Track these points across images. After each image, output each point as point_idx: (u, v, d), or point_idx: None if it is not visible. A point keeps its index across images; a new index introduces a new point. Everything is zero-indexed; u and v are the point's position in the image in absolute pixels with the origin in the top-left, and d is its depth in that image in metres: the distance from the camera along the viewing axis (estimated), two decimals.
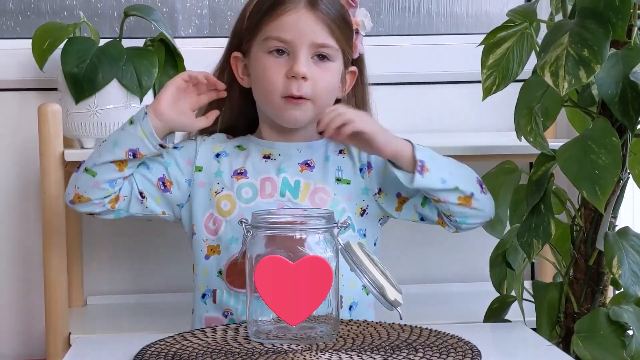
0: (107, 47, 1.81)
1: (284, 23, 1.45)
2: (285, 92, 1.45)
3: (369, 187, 1.51)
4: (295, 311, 1.22)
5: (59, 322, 1.73)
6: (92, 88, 1.77)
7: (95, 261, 2.02)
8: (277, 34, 1.45)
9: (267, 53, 1.47)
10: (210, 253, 1.48)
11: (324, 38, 1.46)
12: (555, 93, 1.42)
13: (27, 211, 1.99)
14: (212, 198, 1.48)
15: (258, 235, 1.25)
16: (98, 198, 1.46)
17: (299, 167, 1.50)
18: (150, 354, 1.21)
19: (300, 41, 1.45)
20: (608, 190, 1.35)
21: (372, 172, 1.51)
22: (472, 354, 1.19)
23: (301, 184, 1.48)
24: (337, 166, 1.51)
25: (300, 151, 1.51)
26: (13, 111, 1.98)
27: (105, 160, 1.45)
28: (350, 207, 1.49)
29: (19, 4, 2.05)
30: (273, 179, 1.48)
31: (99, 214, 1.49)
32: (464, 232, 1.84)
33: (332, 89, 1.50)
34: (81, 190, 1.47)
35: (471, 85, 2.01)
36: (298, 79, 1.44)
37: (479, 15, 2.17)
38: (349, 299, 1.48)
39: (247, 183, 1.48)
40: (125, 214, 1.49)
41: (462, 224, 1.47)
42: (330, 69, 1.48)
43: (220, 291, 1.47)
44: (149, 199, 1.49)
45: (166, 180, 1.49)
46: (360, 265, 1.27)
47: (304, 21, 1.45)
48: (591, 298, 1.52)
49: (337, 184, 1.49)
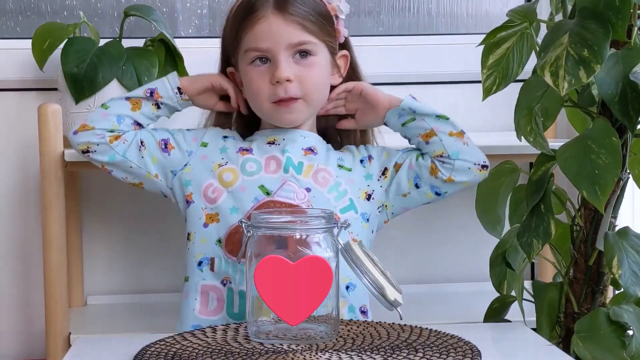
0: (107, 47, 1.81)
1: (257, 32, 1.50)
2: (273, 97, 1.50)
3: (372, 173, 1.56)
4: (295, 311, 1.22)
5: (59, 322, 1.73)
6: (92, 88, 1.77)
7: (95, 261, 2.02)
8: (254, 45, 1.50)
9: (250, 65, 1.52)
10: (209, 221, 1.50)
11: (299, 36, 1.49)
12: (555, 93, 1.41)
13: (27, 211, 1.99)
14: (213, 169, 1.52)
15: (258, 235, 1.26)
16: (101, 128, 1.52)
17: (302, 152, 1.54)
18: (150, 354, 1.21)
19: (276, 46, 1.49)
20: (608, 190, 1.35)
21: (374, 161, 1.56)
22: (472, 354, 1.19)
23: (304, 165, 1.52)
24: (338, 156, 1.56)
25: (304, 137, 1.55)
26: (13, 111, 1.98)
27: (122, 97, 1.56)
28: (352, 190, 1.53)
29: (19, 4, 2.05)
30: (277, 156, 1.52)
31: (95, 149, 1.52)
32: (463, 232, 1.84)
33: (322, 83, 1.54)
34: (89, 120, 1.54)
35: (471, 85, 2.00)
36: (282, 83, 1.48)
37: (479, 15, 2.17)
38: (346, 279, 1.49)
39: (252, 159, 1.52)
40: (120, 157, 1.52)
41: (455, 159, 1.51)
42: (314, 64, 1.51)
43: (219, 260, 1.49)
44: (147, 150, 1.53)
45: (168, 143, 1.54)
46: (361, 265, 1.27)
47: (275, 26, 1.49)
48: (591, 298, 1.52)
49: (339, 169, 1.54)
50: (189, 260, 1.52)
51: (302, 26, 1.50)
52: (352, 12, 2.13)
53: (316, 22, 1.51)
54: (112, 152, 1.52)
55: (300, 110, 1.52)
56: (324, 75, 1.54)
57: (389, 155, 1.58)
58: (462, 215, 2.07)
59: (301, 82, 1.50)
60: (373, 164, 1.56)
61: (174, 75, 1.57)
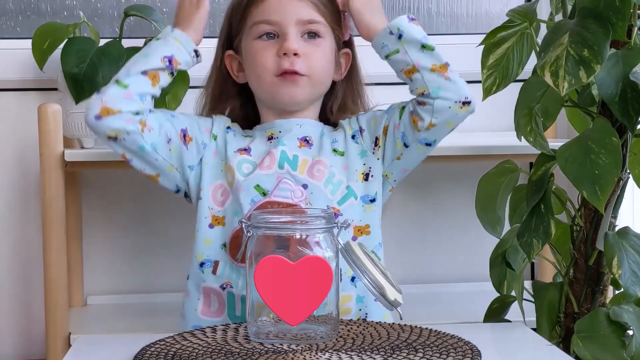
0: (107, 47, 1.81)
1: (268, 6, 1.48)
2: (277, 69, 1.47)
3: (366, 148, 1.52)
4: (295, 311, 1.22)
5: (59, 322, 1.73)
6: (92, 88, 1.77)
7: (95, 261, 2.02)
8: (263, 17, 1.48)
9: (256, 39, 1.49)
10: (215, 223, 1.48)
11: (310, 14, 1.48)
12: (555, 93, 1.42)
13: (27, 211, 1.99)
14: (222, 168, 1.50)
15: (258, 235, 1.25)
16: (130, 111, 1.41)
17: (297, 143, 1.51)
18: (150, 354, 1.21)
19: (286, 20, 1.47)
20: (608, 190, 1.35)
21: (365, 134, 1.52)
22: (472, 354, 1.19)
23: (299, 159, 1.50)
24: (332, 139, 1.52)
25: (300, 126, 1.53)
26: (13, 111, 1.98)
27: (138, 70, 1.43)
28: (348, 177, 1.50)
29: (19, 4, 2.05)
30: (272, 152, 1.50)
31: (127, 135, 1.41)
32: (463, 232, 1.84)
33: (327, 66, 1.52)
34: (110, 102, 1.40)
35: (471, 85, 2.00)
36: (290, 55, 1.46)
37: (479, 15, 2.17)
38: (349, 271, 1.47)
39: (248, 160, 1.50)
40: (149, 148, 1.43)
41: (435, 97, 1.43)
42: (321, 45, 1.50)
43: (223, 264, 1.48)
44: (172, 143, 1.47)
45: (187, 134, 1.49)
46: (361, 266, 1.27)
47: (287, 0, 1.48)
48: (591, 298, 1.52)
49: (334, 155, 1.50)
50: (192, 257, 1.51)
51: (314, 5, 1.49)
52: None
53: (328, 5, 1.50)
54: (142, 142, 1.42)
55: (303, 86, 1.48)
56: (330, 58, 1.52)
57: (377, 122, 1.51)
58: (462, 215, 2.07)
59: (308, 59, 1.47)
60: (365, 137, 1.52)
61: (183, 36, 1.47)
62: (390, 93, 1.60)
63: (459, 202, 2.06)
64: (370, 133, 1.52)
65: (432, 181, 2.08)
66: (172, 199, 1.55)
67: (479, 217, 1.62)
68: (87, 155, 1.76)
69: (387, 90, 1.62)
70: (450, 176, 2.07)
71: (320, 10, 1.49)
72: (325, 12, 1.50)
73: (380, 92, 1.63)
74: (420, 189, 2.09)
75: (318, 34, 1.49)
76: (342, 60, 1.56)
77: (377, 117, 1.53)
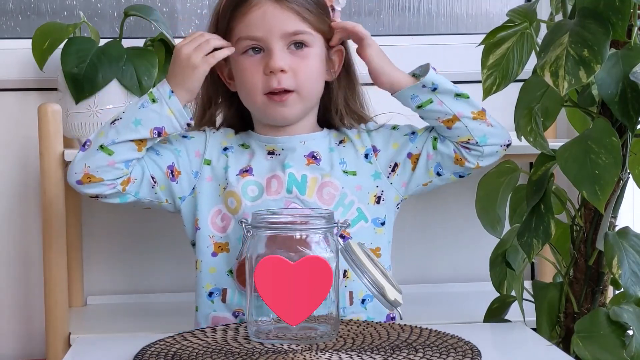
0: (107, 47, 1.81)
1: (251, 20, 1.42)
2: (266, 88, 1.43)
3: (380, 171, 1.48)
4: (295, 311, 1.22)
5: (59, 322, 1.73)
6: (92, 88, 1.77)
7: (95, 261, 2.02)
8: (247, 34, 1.43)
9: (242, 54, 1.44)
10: (218, 251, 1.45)
11: (295, 25, 1.43)
12: (555, 93, 1.42)
13: (27, 211, 1.99)
14: (220, 194, 1.45)
15: (258, 235, 1.25)
16: (111, 179, 1.40)
17: (305, 160, 1.47)
18: (150, 354, 1.21)
19: (271, 35, 1.42)
20: (608, 190, 1.35)
21: (380, 154, 1.49)
22: (472, 354, 1.19)
23: (308, 178, 1.45)
24: (340, 158, 1.48)
25: (304, 143, 1.48)
26: (13, 111, 1.98)
27: (125, 139, 1.39)
28: (360, 198, 1.46)
29: (19, 4, 2.05)
30: (279, 175, 1.45)
31: (105, 197, 1.42)
32: (463, 232, 1.84)
33: (316, 76, 1.47)
34: (93, 169, 1.39)
35: (471, 85, 2.00)
36: (276, 73, 1.42)
37: (479, 15, 2.17)
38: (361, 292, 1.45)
39: (252, 181, 1.45)
40: (133, 198, 1.43)
41: (483, 145, 1.43)
42: (309, 55, 1.45)
43: (231, 291, 1.45)
44: (158, 183, 1.44)
45: (174, 169, 1.45)
46: (361, 266, 1.27)
47: (270, 14, 1.42)
48: (591, 298, 1.52)
49: (345, 176, 1.46)
50: (197, 289, 1.47)
51: (299, 15, 1.43)
52: (352, 12, 2.13)
53: (313, 11, 1.45)
54: (124, 196, 1.43)
55: (293, 104, 1.44)
56: (319, 68, 1.47)
57: (398, 147, 1.48)
58: (462, 215, 2.07)
59: (295, 73, 1.43)
60: (380, 158, 1.48)
61: (178, 107, 1.41)
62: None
63: (459, 202, 2.06)
64: (387, 156, 1.49)
65: None
66: None
67: (479, 217, 1.62)
68: None
69: None
70: None
71: (306, 18, 1.43)
72: (311, 19, 1.44)
73: (381, 92, 1.63)
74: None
75: (305, 44, 1.44)
76: (334, 57, 1.51)
77: (397, 141, 1.49)
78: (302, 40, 1.44)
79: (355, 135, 1.50)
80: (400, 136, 1.50)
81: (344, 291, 1.44)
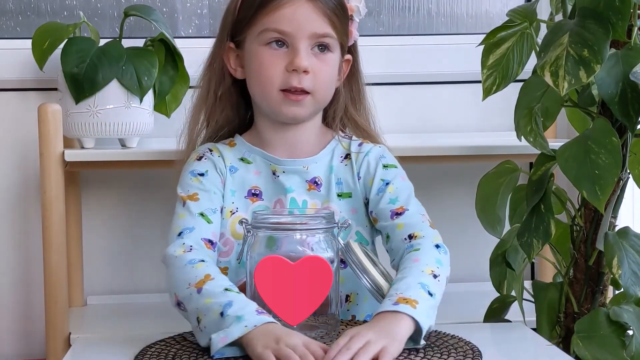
0: (107, 47, 1.81)
1: (282, 15, 1.40)
2: (284, 85, 1.41)
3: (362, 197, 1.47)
4: (295, 311, 1.22)
5: (59, 322, 1.73)
6: (92, 88, 1.77)
7: (95, 261, 2.02)
8: (275, 26, 1.40)
9: (264, 45, 1.42)
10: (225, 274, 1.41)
11: (324, 28, 1.41)
12: (555, 93, 1.42)
13: (27, 211, 1.99)
14: (225, 217, 1.44)
15: (258, 235, 1.25)
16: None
17: (306, 185, 1.46)
18: (151, 354, 1.21)
19: (300, 33, 1.40)
20: (608, 190, 1.35)
21: (361, 181, 1.47)
22: (472, 354, 1.19)
23: (308, 204, 1.45)
24: (337, 179, 1.47)
25: (307, 168, 1.47)
26: (13, 111, 1.98)
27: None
28: (358, 221, 1.46)
29: (19, 4, 2.05)
30: (282, 199, 1.45)
31: None
32: (463, 232, 1.84)
33: (331, 81, 1.46)
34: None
35: (471, 85, 2.01)
36: (299, 72, 1.40)
37: (479, 15, 2.17)
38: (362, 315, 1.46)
39: (262, 206, 1.45)
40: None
41: None
42: (330, 60, 1.44)
43: None
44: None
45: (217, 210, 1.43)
46: (360, 265, 1.27)
47: (302, 12, 1.40)
48: (591, 298, 1.52)
49: (339, 200, 1.46)
50: None
51: (329, 19, 1.41)
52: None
53: (340, 17, 1.43)
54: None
55: (307, 106, 1.43)
56: (334, 74, 1.46)
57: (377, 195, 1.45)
58: (462, 215, 2.07)
59: (315, 76, 1.41)
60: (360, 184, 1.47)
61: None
62: (391, 93, 1.60)
63: (459, 202, 2.05)
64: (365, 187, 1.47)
65: (432, 181, 2.08)
66: (172, 199, 1.54)
67: (479, 217, 1.62)
68: (87, 155, 1.76)
69: (387, 90, 1.62)
70: (450, 176, 2.07)
71: (334, 23, 1.42)
72: (337, 25, 1.43)
73: (381, 92, 1.63)
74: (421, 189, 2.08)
75: (328, 48, 1.43)
76: (343, 65, 1.50)
77: (371, 190, 1.46)
78: (327, 44, 1.43)
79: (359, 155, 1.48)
80: (376, 185, 1.46)
81: (346, 315, 1.44)
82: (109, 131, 1.79)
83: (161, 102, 1.88)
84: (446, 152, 1.79)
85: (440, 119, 2.10)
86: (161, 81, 1.85)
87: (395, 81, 2.04)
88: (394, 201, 1.44)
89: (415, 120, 2.07)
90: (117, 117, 1.79)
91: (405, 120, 2.05)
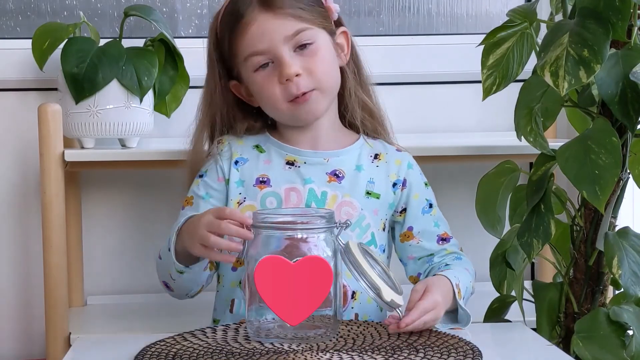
0: (107, 47, 1.81)
1: (250, 37, 1.43)
2: (287, 96, 1.43)
3: (396, 204, 1.50)
4: (295, 311, 1.22)
5: (59, 322, 1.73)
6: (92, 88, 1.77)
7: (95, 261, 2.02)
8: (251, 49, 1.43)
9: (254, 72, 1.44)
10: (237, 265, 1.45)
11: (294, 27, 1.42)
12: (555, 93, 1.42)
13: (27, 211, 1.99)
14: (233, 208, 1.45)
15: (258, 235, 1.25)
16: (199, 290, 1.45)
17: (326, 177, 1.47)
18: (151, 354, 1.21)
19: (274, 44, 1.42)
20: (608, 190, 1.35)
21: (405, 190, 1.51)
22: (472, 354, 1.19)
23: (328, 195, 1.46)
24: (369, 177, 1.49)
25: (327, 160, 1.48)
26: (13, 111, 1.98)
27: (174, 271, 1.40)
28: (375, 223, 1.48)
29: (19, 4, 2.05)
30: (298, 189, 1.46)
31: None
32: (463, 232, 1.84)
33: (330, 68, 1.47)
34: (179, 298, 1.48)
35: (471, 85, 2.00)
36: (292, 80, 1.42)
37: (479, 15, 2.17)
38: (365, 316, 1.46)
39: (271, 192, 1.46)
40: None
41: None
42: (317, 51, 1.44)
43: (237, 301, 1.45)
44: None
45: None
46: (357, 266, 1.27)
47: (265, 24, 1.42)
48: (591, 298, 1.52)
49: (367, 198, 1.47)
50: (218, 303, 1.48)
51: (294, 16, 1.42)
52: (352, 12, 2.13)
53: (306, 7, 1.44)
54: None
55: (317, 100, 1.44)
56: (330, 59, 1.46)
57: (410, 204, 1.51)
58: (462, 215, 2.07)
59: (310, 72, 1.42)
60: (404, 193, 1.51)
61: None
62: (391, 93, 1.60)
63: (459, 202, 2.05)
64: (408, 196, 1.51)
65: (432, 181, 2.07)
66: (172, 199, 1.55)
67: (479, 217, 1.62)
68: (87, 155, 1.76)
69: (387, 90, 1.61)
70: (450, 176, 2.07)
71: (301, 16, 1.43)
72: (307, 16, 1.44)
73: (381, 92, 1.63)
74: None
75: (309, 42, 1.44)
76: (340, 41, 1.50)
77: (413, 202, 1.51)
78: (306, 39, 1.43)
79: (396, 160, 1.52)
80: (421, 202, 1.53)
81: (349, 312, 1.44)
82: (109, 131, 1.79)
83: (161, 102, 1.89)
84: (446, 152, 1.79)
85: (440, 119, 2.10)
86: (161, 81, 1.85)
87: (395, 81, 2.04)
88: (437, 225, 1.52)
89: (415, 120, 2.07)
90: (117, 117, 1.79)
91: (405, 120, 2.05)
